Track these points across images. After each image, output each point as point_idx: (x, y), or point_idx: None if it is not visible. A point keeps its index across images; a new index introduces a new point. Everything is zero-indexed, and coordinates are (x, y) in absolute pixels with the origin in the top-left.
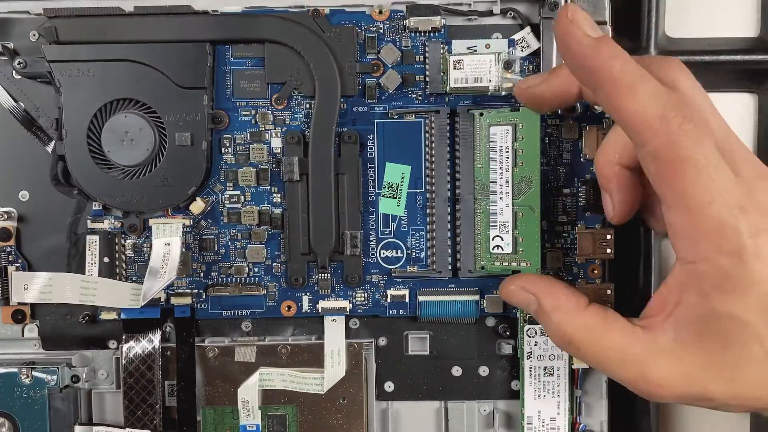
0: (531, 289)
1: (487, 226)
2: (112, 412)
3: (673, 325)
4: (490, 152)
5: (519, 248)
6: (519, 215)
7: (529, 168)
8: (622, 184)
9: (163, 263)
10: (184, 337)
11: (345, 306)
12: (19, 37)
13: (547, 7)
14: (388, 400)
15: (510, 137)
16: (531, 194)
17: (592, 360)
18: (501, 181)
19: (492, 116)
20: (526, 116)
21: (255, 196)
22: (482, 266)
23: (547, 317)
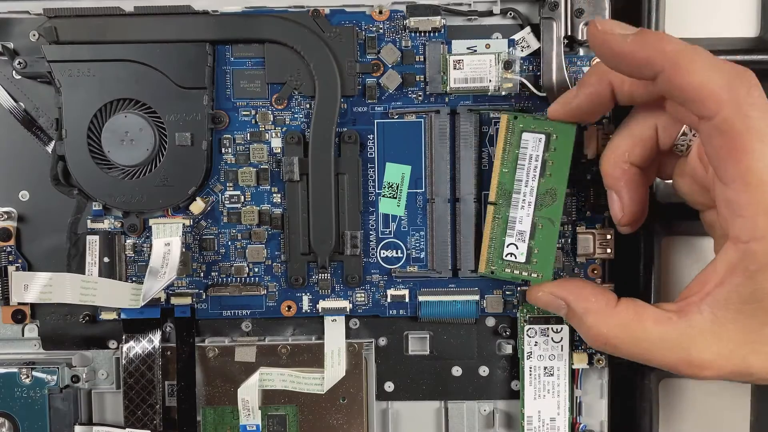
0: (560, 294)
1: (503, 231)
2: (112, 412)
3: (710, 305)
4: (519, 158)
5: (533, 258)
6: (538, 226)
7: (557, 181)
8: (632, 182)
9: (163, 263)
10: (184, 337)
11: (345, 306)
12: (19, 37)
13: (547, 7)
14: (388, 400)
15: (542, 146)
16: (554, 207)
17: (632, 355)
18: (525, 190)
19: (526, 121)
20: (562, 126)
21: (255, 196)
22: (492, 271)
23: (580, 320)
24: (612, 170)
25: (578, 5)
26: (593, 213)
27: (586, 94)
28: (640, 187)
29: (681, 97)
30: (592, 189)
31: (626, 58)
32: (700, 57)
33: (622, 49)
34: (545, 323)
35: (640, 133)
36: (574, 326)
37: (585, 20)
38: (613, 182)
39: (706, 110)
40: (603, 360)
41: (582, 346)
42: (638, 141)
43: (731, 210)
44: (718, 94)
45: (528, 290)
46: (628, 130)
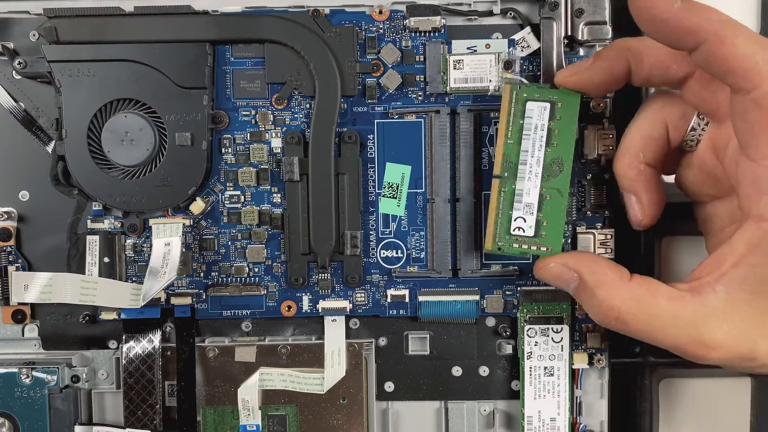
0: (572, 266)
1: (510, 205)
2: (112, 412)
3: (725, 285)
4: (524, 128)
5: (542, 231)
6: (546, 198)
7: (563, 150)
8: (649, 183)
9: (163, 263)
10: (184, 337)
11: (345, 306)
12: (19, 37)
13: (547, 7)
14: (388, 400)
15: (547, 115)
16: (561, 177)
17: (642, 331)
18: (532, 161)
19: (530, 90)
20: (566, 95)
21: (255, 196)
22: (499, 247)
23: (591, 293)
24: (628, 172)
25: (578, 5)
26: (593, 213)
27: (601, 68)
28: (657, 186)
29: (722, 68)
30: (592, 189)
31: (670, 24)
32: (744, 30)
33: (670, 13)
34: (545, 323)
35: (651, 132)
36: (582, 301)
37: (585, 20)
38: (630, 184)
39: (746, 83)
40: (603, 360)
41: (582, 346)
42: (650, 140)
43: (758, 187)
44: (761, 68)
45: (536, 264)
46: (639, 130)
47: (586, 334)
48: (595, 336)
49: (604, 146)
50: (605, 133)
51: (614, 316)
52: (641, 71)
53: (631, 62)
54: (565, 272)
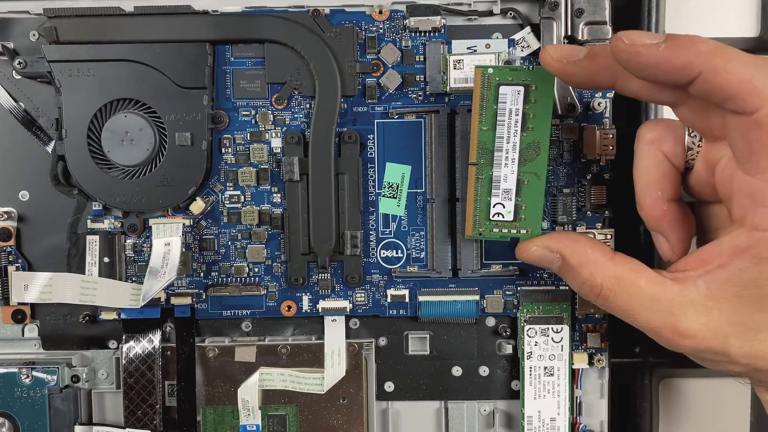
0: (554, 247)
1: (487, 192)
2: (112, 412)
3: (708, 283)
4: (498, 114)
5: (521, 215)
6: (524, 182)
7: (539, 133)
8: (676, 220)
9: (163, 263)
10: (184, 337)
11: (345, 306)
12: (19, 37)
13: (547, 7)
14: (388, 400)
15: (521, 99)
16: (538, 161)
17: (620, 308)
18: (507, 147)
19: (502, 74)
20: (540, 76)
21: (255, 196)
22: (479, 233)
23: (575, 272)
24: (653, 212)
25: (578, 5)
26: (593, 213)
27: (590, 69)
28: (685, 222)
29: (721, 96)
30: (592, 189)
31: (661, 68)
32: (735, 54)
33: (655, 58)
34: (545, 323)
35: (659, 169)
36: (567, 280)
37: (585, 20)
38: (656, 224)
39: (748, 106)
40: (603, 360)
41: (582, 346)
42: (661, 175)
43: (754, 200)
44: (760, 90)
45: (518, 247)
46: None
47: (586, 334)
48: (595, 336)
49: (604, 146)
50: (605, 133)
51: (596, 292)
52: (629, 87)
53: (620, 77)
54: (547, 254)
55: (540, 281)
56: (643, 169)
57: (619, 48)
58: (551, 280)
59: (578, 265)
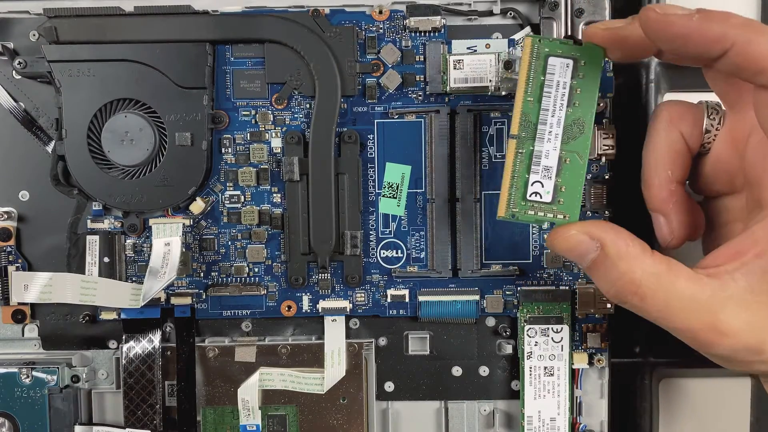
0: (596, 235)
1: (526, 168)
2: (112, 412)
3: (745, 274)
4: (545, 85)
5: (558, 198)
6: (565, 161)
7: (584, 111)
8: (681, 203)
9: (163, 263)
10: (184, 337)
11: (345, 306)
12: (19, 37)
13: (547, 7)
14: (388, 400)
15: (569, 72)
16: (582, 140)
17: (657, 309)
18: (552, 120)
19: (552, 45)
20: (589, 52)
21: (255, 196)
22: (513, 214)
23: (612, 265)
24: (659, 193)
25: (578, 5)
26: (593, 213)
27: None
28: (689, 207)
29: (753, 69)
30: (592, 189)
31: (693, 39)
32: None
33: (688, 29)
34: (545, 323)
35: (673, 146)
36: (598, 275)
37: (585, 20)
38: (661, 206)
39: None
40: (603, 360)
41: (582, 346)
42: (674, 155)
43: None
44: None
45: (553, 232)
46: (660, 148)
47: (586, 334)
48: (595, 336)
49: (604, 146)
50: (605, 132)
51: (633, 290)
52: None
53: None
54: (585, 242)
55: (540, 281)
56: (656, 147)
57: (650, 18)
58: (551, 280)
59: (618, 257)
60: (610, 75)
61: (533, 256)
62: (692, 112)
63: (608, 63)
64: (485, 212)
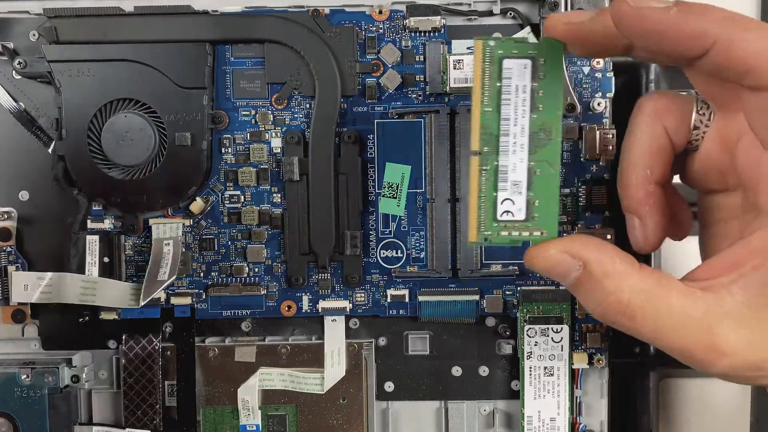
0: (577, 252)
1: (494, 186)
2: (112, 412)
3: (743, 287)
4: (502, 92)
5: (533, 213)
6: (535, 173)
7: (550, 114)
8: (657, 205)
9: (163, 263)
10: (184, 337)
11: (345, 306)
12: (19, 37)
13: (547, 6)
14: (388, 400)
15: (529, 74)
16: (551, 147)
17: (647, 328)
18: (515, 130)
19: (505, 46)
20: (548, 48)
21: (255, 196)
22: (485, 238)
23: (597, 284)
24: (636, 193)
25: (578, 5)
26: (593, 213)
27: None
28: (665, 209)
29: (737, 70)
30: (592, 189)
31: (669, 35)
32: (752, 23)
33: (664, 24)
34: (545, 323)
35: (655, 143)
36: (581, 294)
37: None
38: (636, 206)
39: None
40: (603, 360)
41: (582, 346)
42: (656, 152)
43: None
44: None
45: (530, 251)
46: (640, 144)
47: (586, 334)
48: (595, 336)
49: (604, 146)
50: (605, 133)
51: (621, 310)
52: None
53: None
54: (566, 260)
55: (540, 281)
56: (636, 142)
57: (621, 11)
58: (551, 280)
59: (603, 275)
60: (610, 75)
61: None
62: (680, 106)
63: (608, 63)
64: None
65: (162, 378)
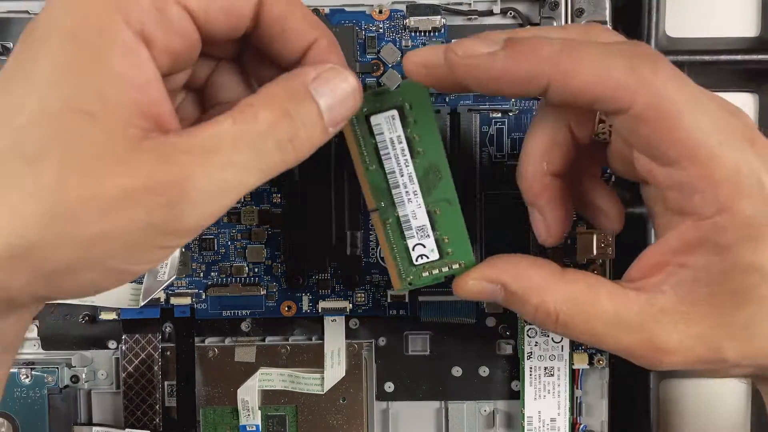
0: (492, 276)
1: (401, 236)
2: (112, 412)
3: (675, 287)
4: (380, 148)
5: (447, 249)
6: (435, 212)
7: (433, 155)
8: (555, 197)
9: (163, 263)
10: (184, 337)
11: (345, 306)
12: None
13: (548, 6)
14: (388, 400)
15: (398, 123)
16: (443, 185)
17: (583, 335)
18: (404, 180)
19: (368, 102)
20: (410, 92)
21: (255, 196)
22: (409, 283)
23: (523, 302)
24: (532, 185)
25: (578, 5)
26: None
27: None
28: (564, 201)
29: (584, 101)
30: None
31: (503, 82)
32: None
33: (494, 71)
34: None
35: (553, 138)
36: (517, 311)
37: (585, 20)
38: (534, 199)
39: (618, 104)
40: (603, 360)
41: (582, 347)
42: (553, 147)
43: (683, 190)
44: (625, 84)
45: (454, 285)
46: (538, 137)
47: None
48: None
49: None
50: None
51: (553, 320)
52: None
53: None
54: (486, 287)
55: None
56: (536, 134)
57: (452, 62)
58: None
59: (524, 293)
60: None
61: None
62: None
63: None
64: (485, 212)
65: (162, 378)
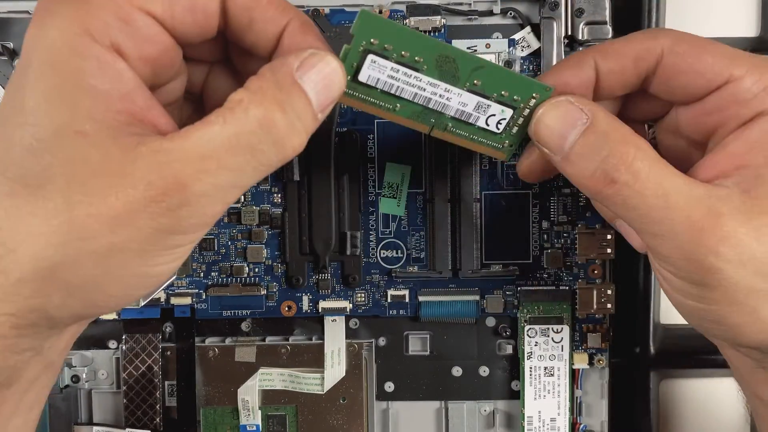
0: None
1: (469, 126)
2: (113, 411)
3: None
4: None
5: (513, 98)
6: (476, 84)
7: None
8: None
9: None
10: (184, 337)
11: (345, 306)
12: (19, 37)
13: (548, 6)
14: (388, 400)
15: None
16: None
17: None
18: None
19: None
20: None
21: (255, 196)
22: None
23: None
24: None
25: (579, 5)
26: (593, 213)
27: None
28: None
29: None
30: None
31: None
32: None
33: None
34: (545, 323)
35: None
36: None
37: (585, 20)
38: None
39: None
40: (603, 360)
41: (582, 347)
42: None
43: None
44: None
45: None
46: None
47: (586, 334)
48: (596, 336)
49: None
50: None
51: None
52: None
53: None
54: (574, 111)
55: (540, 281)
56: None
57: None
58: (551, 280)
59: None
60: None
61: (533, 256)
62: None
63: None
64: (485, 212)
65: (162, 378)
